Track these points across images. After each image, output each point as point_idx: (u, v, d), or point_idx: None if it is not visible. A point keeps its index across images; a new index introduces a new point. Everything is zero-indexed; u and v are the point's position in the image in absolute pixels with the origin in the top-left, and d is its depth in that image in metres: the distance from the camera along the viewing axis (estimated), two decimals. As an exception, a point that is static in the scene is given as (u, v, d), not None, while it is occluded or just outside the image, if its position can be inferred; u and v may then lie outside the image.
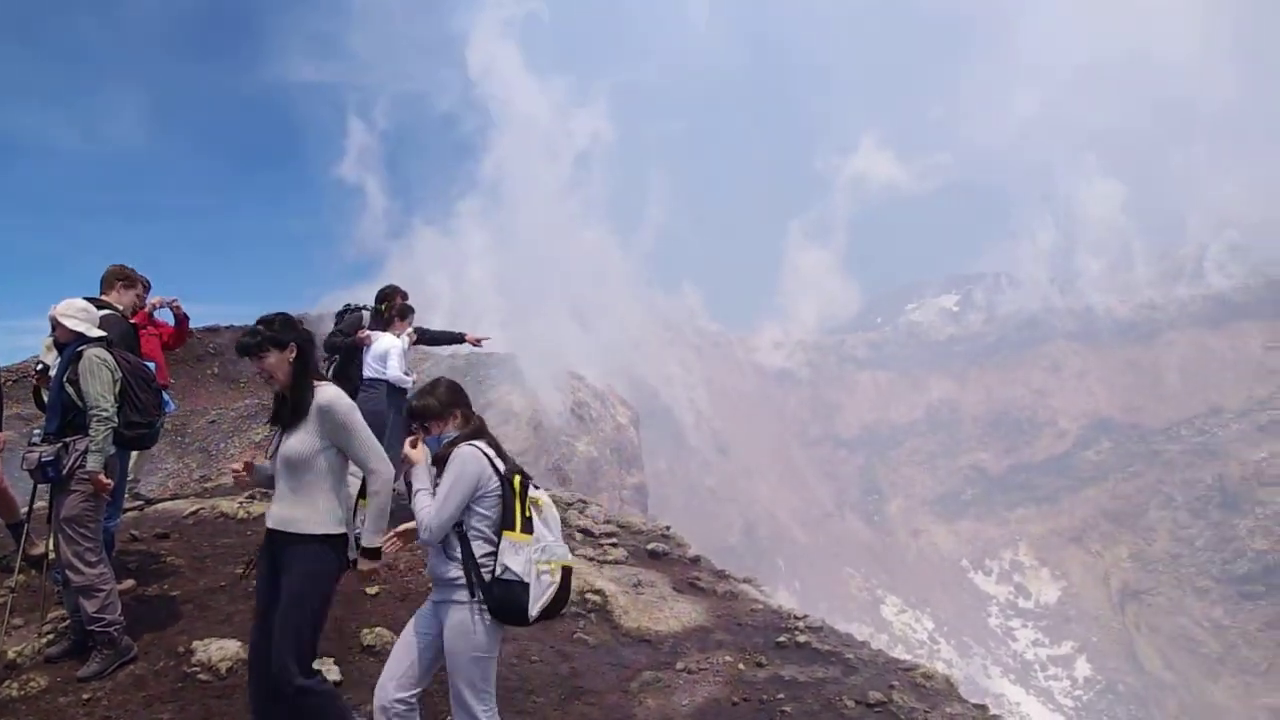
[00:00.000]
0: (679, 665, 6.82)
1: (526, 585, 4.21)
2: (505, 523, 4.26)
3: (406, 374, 10.35)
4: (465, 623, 4.20)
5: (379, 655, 6.53)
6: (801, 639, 7.32)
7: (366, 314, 10.92)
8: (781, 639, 7.33)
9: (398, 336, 10.41)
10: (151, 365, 6.57)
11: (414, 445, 4.42)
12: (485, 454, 4.31)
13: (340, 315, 11.35)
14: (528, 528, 4.29)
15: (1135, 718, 57.37)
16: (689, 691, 6.40)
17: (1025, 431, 70.02)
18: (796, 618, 7.92)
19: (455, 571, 4.23)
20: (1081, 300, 75.96)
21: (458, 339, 11.75)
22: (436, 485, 4.31)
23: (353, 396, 10.56)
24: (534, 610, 4.22)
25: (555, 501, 11.89)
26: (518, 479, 4.33)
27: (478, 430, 4.45)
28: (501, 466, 4.33)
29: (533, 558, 4.27)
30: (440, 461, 4.35)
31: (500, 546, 4.24)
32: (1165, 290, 75.12)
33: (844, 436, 71.39)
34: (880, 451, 70.98)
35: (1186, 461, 66.38)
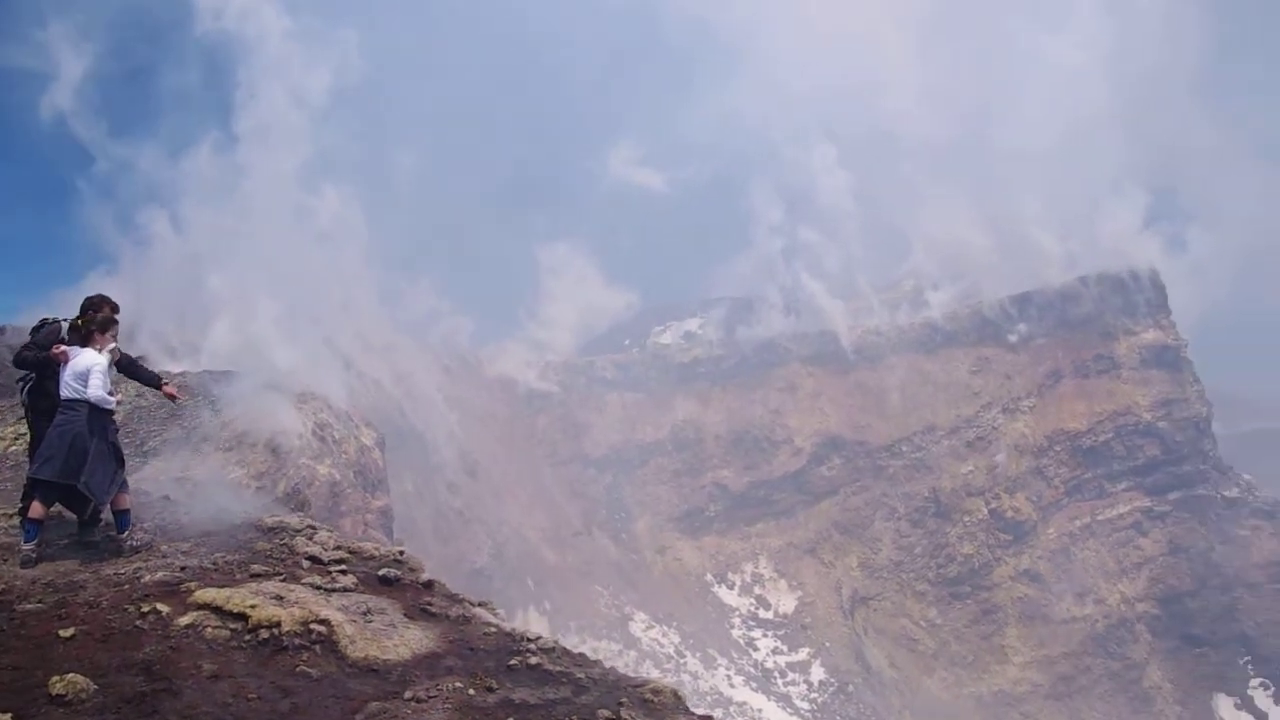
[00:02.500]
0: (407, 694, 6.64)
1: None
2: None
3: (111, 393, 9.58)
4: None
5: (71, 706, 5.96)
6: (533, 661, 7.31)
7: (65, 326, 10.07)
8: (513, 662, 7.29)
9: (99, 352, 9.61)
10: None
11: None
12: None
13: (36, 330, 10.40)
14: None
15: (864, 714, 61.01)
16: (415, 721, 6.24)
17: (764, 450, 73.27)
18: (529, 639, 7.90)
19: None
20: (815, 325, 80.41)
21: (154, 381, 10.99)
22: None
23: (51, 417, 9.70)
24: None
25: (282, 528, 11.37)
26: None
27: None
28: None
29: None
30: None
31: None
32: (888, 317, 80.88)
33: (592, 456, 72.13)
34: (627, 471, 72.25)
35: (906, 475, 71.62)
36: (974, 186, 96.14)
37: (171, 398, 11.37)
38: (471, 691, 6.71)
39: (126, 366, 10.63)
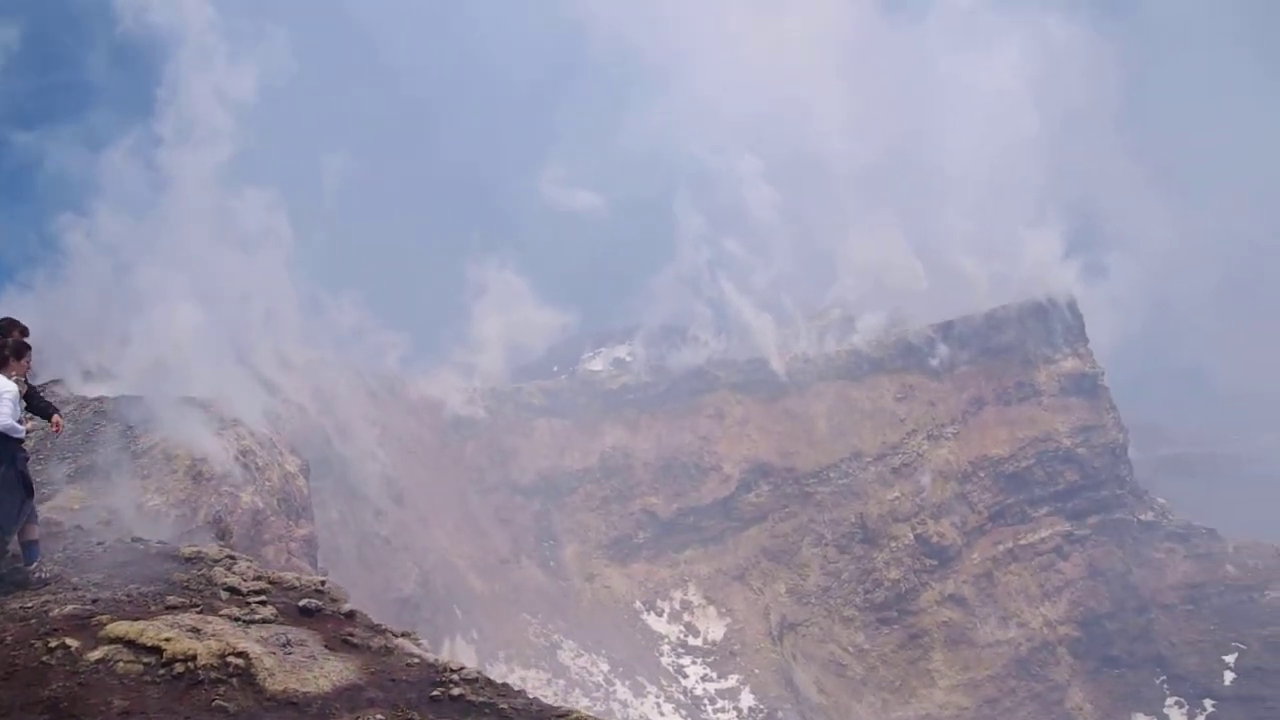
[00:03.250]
0: (328, 728, 6.44)
1: None
2: None
3: (20, 422, 9.17)
4: None
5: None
6: (456, 692, 7.13)
7: None
8: (436, 693, 7.10)
9: (11, 379, 9.20)
10: None
11: None
12: None
13: None
14: None
15: (792, 742, 61.31)
16: (338, 756, 6.04)
17: (693, 476, 73.37)
18: (452, 670, 7.72)
19: None
20: (743, 344, 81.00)
21: (46, 413, 10.55)
22: None
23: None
24: None
25: (200, 558, 11.01)
26: None
27: None
28: None
29: None
30: None
31: None
32: (816, 344, 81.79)
33: (521, 483, 71.49)
34: (556, 498, 71.74)
35: (834, 502, 72.29)
36: (900, 212, 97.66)
37: (57, 429, 10.96)
38: (394, 724, 6.52)
39: (34, 400, 10.21)
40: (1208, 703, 71.32)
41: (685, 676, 64.99)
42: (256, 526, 37.44)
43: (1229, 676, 71.72)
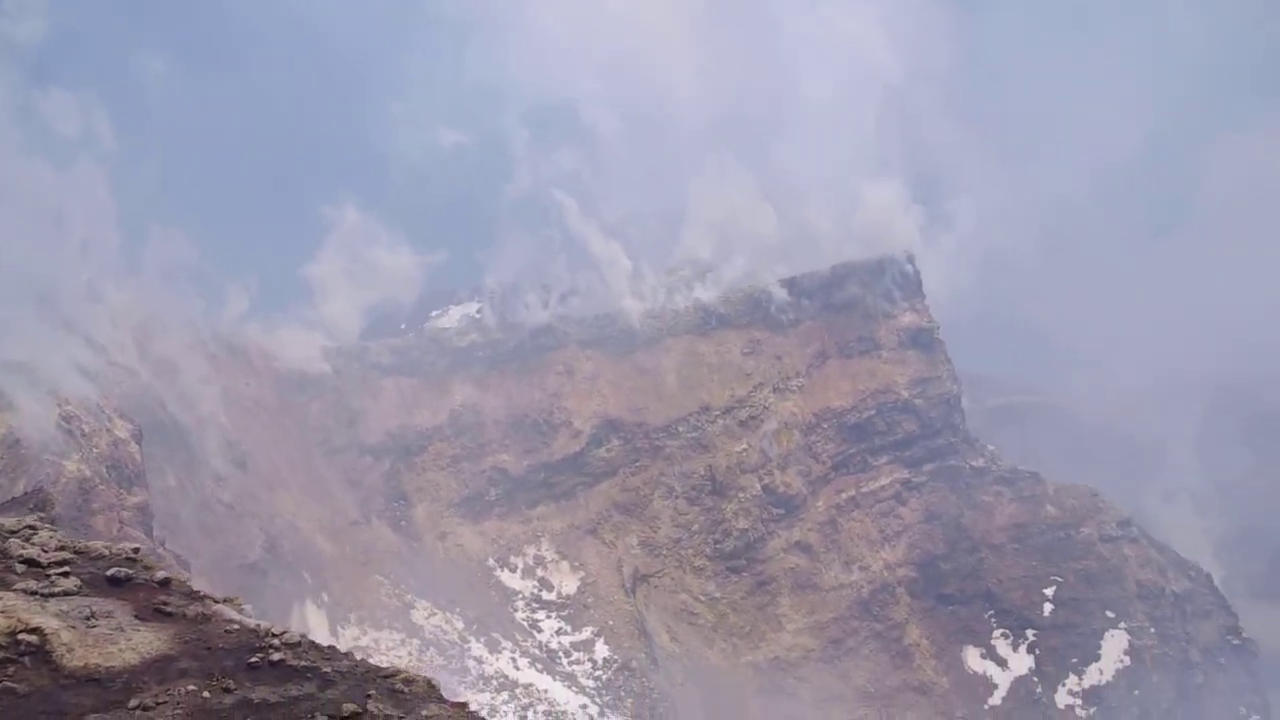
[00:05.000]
0: (133, 702, 6.05)
1: None
2: None
3: None
4: None
5: None
6: (276, 657, 6.83)
7: None
8: (254, 659, 6.79)
9: None
10: None
11: None
12: None
13: None
14: None
15: (647, 688, 62.51)
16: (140, 730, 5.69)
17: (544, 433, 73.47)
18: (273, 635, 7.40)
19: None
20: (592, 309, 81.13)
21: None
22: None
23: None
24: None
25: (-4, 529, 10.26)
26: None
27: None
28: None
29: None
30: None
31: None
32: (665, 301, 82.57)
33: (368, 443, 70.18)
34: (405, 457, 70.78)
35: (684, 455, 73.61)
36: (749, 167, 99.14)
37: None
38: (206, 694, 6.19)
39: None
40: (1029, 632, 76.38)
41: (540, 631, 65.43)
42: (84, 496, 35.59)
43: (1048, 608, 76.92)
